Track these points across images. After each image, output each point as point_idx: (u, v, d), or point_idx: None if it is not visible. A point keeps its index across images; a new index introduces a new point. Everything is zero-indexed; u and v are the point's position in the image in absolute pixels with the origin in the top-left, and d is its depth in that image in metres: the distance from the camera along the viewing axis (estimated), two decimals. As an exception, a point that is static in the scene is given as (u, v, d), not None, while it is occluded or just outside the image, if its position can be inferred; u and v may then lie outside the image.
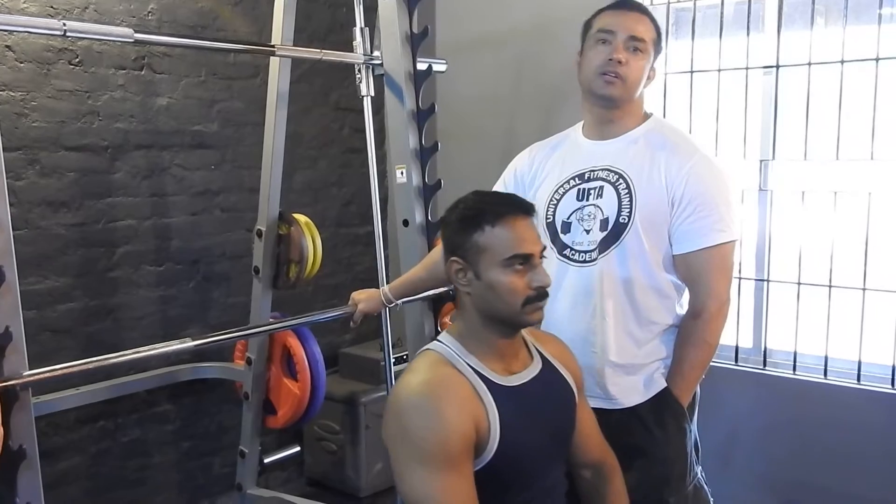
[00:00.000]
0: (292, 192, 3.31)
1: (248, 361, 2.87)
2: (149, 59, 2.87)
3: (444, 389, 1.42)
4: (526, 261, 1.47)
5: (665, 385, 1.85)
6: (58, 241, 2.68)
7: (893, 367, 2.66)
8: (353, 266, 3.70)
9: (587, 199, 1.88)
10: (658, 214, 1.81)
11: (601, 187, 1.87)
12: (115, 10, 2.76)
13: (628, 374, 1.85)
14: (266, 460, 3.05)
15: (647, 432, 1.84)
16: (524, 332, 1.58)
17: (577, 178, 1.91)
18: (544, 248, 1.52)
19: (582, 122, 1.99)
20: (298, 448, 3.24)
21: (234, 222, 3.19)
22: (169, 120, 2.95)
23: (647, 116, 1.92)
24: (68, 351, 2.71)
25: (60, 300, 2.70)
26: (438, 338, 1.57)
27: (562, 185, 1.92)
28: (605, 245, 1.83)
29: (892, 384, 2.66)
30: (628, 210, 1.82)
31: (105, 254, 2.81)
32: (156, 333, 2.94)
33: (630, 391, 1.85)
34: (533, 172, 2.01)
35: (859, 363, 2.72)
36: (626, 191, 1.83)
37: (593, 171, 1.89)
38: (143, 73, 2.86)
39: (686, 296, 1.89)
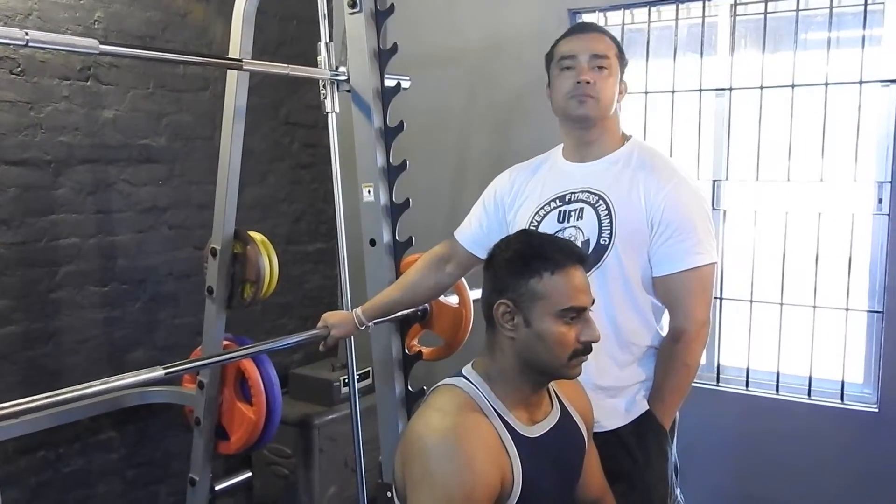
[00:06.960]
0: (242, 208, 3.16)
1: (200, 385, 2.75)
2: (95, 69, 2.73)
3: (473, 438, 1.38)
4: (579, 313, 1.45)
5: (647, 408, 1.85)
6: (-4, 260, 2.52)
7: (842, 382, 2.75)
8: (302, 284, 3.60)
9: (568, 221, 1.87)
10: (638, 235, 1.82)
11: (581, 209, 1.86)
12: (60, 17, 2.61)
13: (610, 397, 1.84)
14: (217, 487, 2.92)
15: (628, 456, 1.83)
16: None
17: (557, 200, 1.90)
18: (593, 300, 1.49)
19: (562, 145, 1.98)
20: (250, 474, 3.13)
21: (181, 240, 3.06)
22: (115, 133, 2.81)
23: (626, 138, 1.93)
24: (7, 377, 2.55)
25: (-1, 324, 2.53)
26: (464, 373, 1.52)
27: (542, 208, 1.91)
28: (586, 267, 1.82)
29: (842, 399, 2.75)
30: (608, 231, 1.82)
31: (47, 274, 2.65)
32: (101, 357, 2.80)
33: (612, 414, 1.84)
34: (513, 194, 2.00)
35: (810, 378, 2.80)
36: (606, 212, 1.83)
37: (573, 192, 1.89)
38: (88, 84, 2.72)
39: (666, 317, 1.90)
